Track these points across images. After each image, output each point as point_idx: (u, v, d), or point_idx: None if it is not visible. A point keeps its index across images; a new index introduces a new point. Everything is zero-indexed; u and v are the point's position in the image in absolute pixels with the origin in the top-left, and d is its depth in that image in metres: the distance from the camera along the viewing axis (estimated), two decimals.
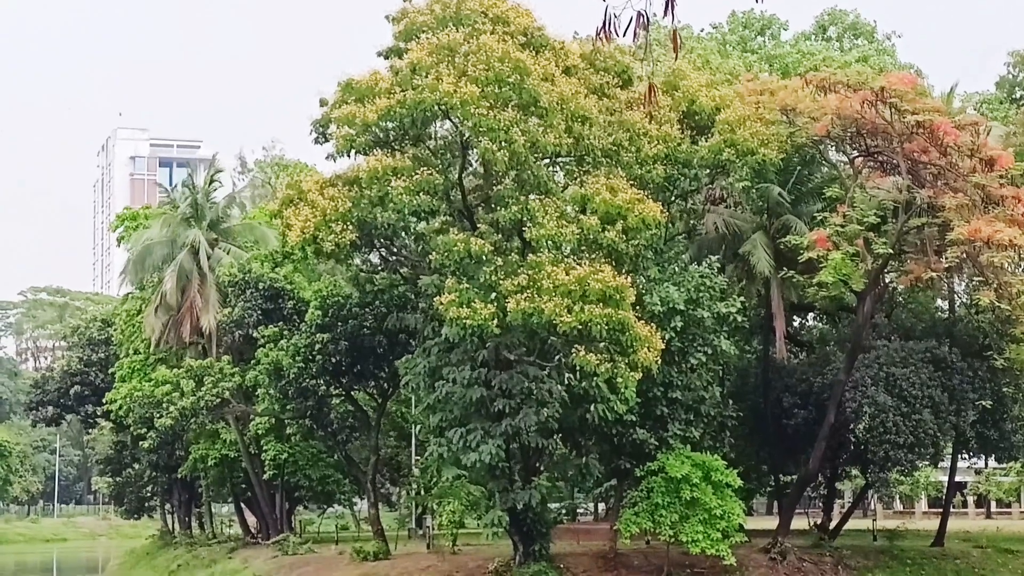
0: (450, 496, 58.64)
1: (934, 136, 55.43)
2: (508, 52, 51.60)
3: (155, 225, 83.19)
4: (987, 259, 54.87)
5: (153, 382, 78.40)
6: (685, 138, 58.55)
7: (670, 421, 54.66)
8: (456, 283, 51.35)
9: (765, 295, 61.19)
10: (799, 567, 58.08)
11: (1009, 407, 60.20)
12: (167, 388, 77.39)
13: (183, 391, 76.46)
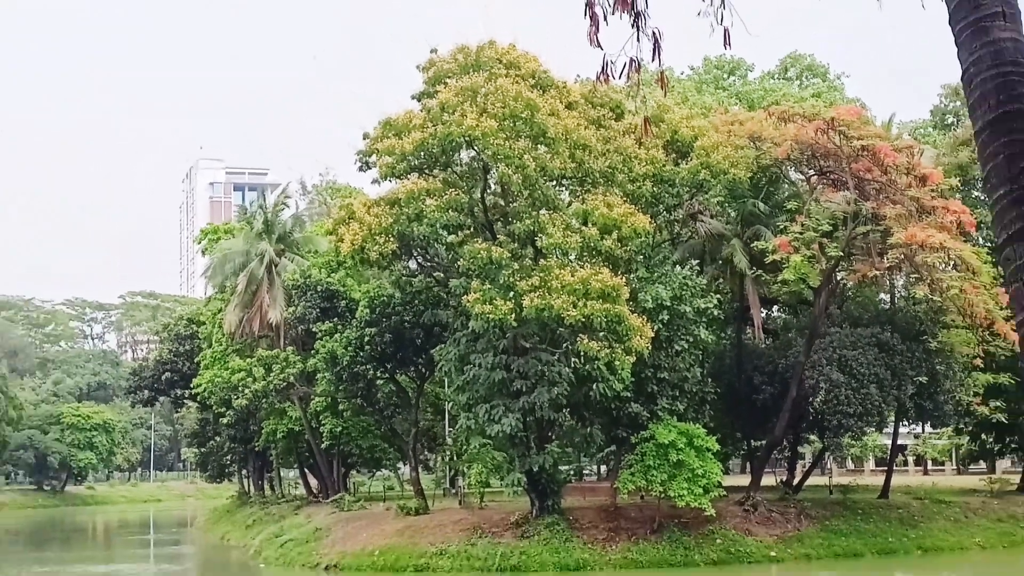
0: (477, 461, 58.82)
1: (876, 158, 55.68)
2: (520, 92, 52.01)
3: (232, 239, 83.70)
4: (921, 259, 55.13)
5: (230, 369, 78.76)
6: (669, 161, 59.08)
7: (659, 397, 54.89)
8: (480, 284, 51.73)
9: (740, 291, 61.44)
10: (768, 516, 58.29)
11: (941, 382, 60.24)
12: (242, 374, 77.80)
13: (255, 376, 76.87)
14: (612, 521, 55.78)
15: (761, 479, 63.61)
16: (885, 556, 56.72)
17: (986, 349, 59.95)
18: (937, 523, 62.03)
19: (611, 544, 53.86)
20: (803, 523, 58.67)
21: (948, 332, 59.93)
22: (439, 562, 53.47)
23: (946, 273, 56.56)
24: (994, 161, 7.37)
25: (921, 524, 61.51)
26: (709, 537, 54.29)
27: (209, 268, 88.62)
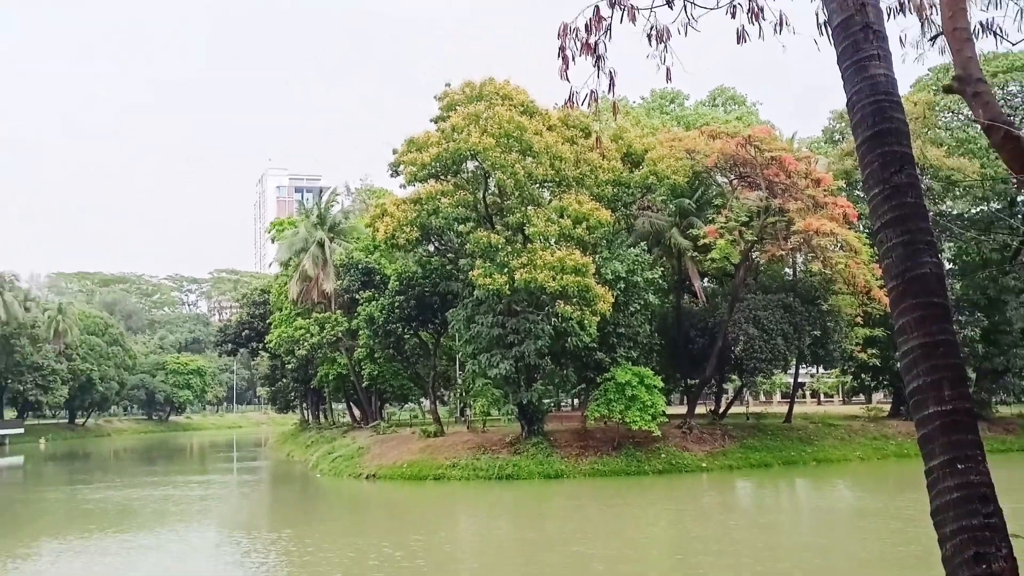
0: (481, 396, 58.89)
1: (782, 165, 55.59)
2: (512, 117, 52.04)
3: (295, 228, 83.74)
4: (816, 242, 55.13)
5: (294, 327, 78.81)
6: (625, 169, 59.13)
7: (618, 347, 54.94)
8: (482, 263, 51.91)
9: (678, 267, 61.31)
10: (700, 437, 58.42)
11: (831, 335, 60.27)
12: (302, 331, 77.85)
13: (312, 333, 76.91)
14: (582, 441, 55.94)
15: (695, 409, 63.69)
16: (788, 465, 57.01)
17: (865, 310, 59.97)
18: (827, 441, 62.36)
19: (582, 458, 54.03)
20: (726, 442, 58.88)
21: (836, 297, 60.04)
22: (451, 472, 53.64)
23: (835, 252, 56.64)
24: (871, 167, 7.34)
25: (815, 442, 61.83)
26: (655, 452, 54.49)
27: (277, 251, 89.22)
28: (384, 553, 31.36)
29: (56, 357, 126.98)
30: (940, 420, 6.83)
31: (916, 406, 7.01)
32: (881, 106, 7.34)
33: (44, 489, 58.63)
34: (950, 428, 6.81)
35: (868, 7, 7.50)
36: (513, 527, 37.83)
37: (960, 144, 66.02)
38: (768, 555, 30.21)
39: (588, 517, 38.84)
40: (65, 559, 32.59)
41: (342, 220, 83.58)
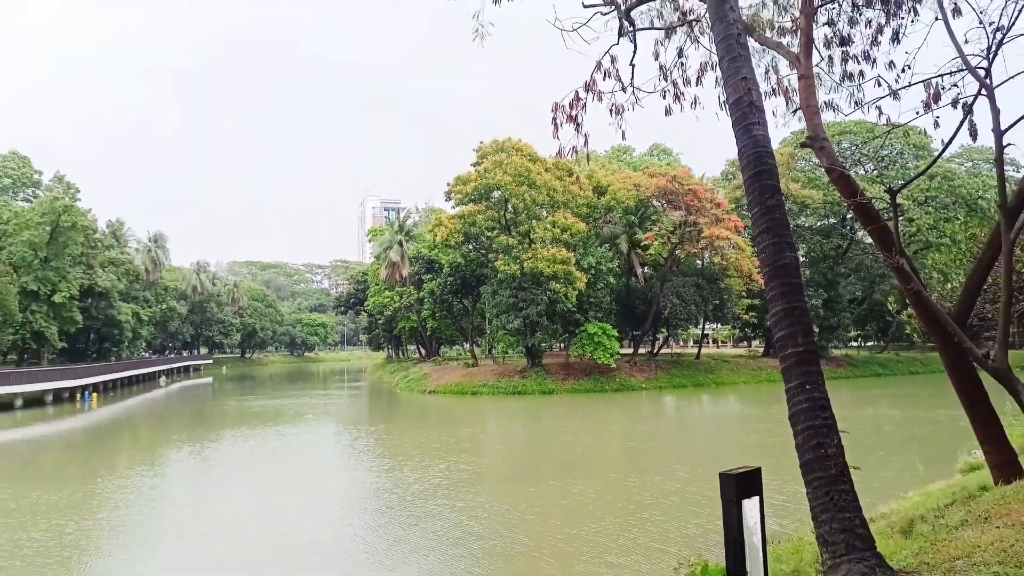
0: (501, 341, 58.84)
1: (696, 194, 55.23)
2: (522, 163, 51.91)
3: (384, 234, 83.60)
4: (717, 244, 54.92)
5: (383, 297, 78.98)
6: (594, 197, 58.87)
7: (589, 311, 54.86)
8: (503, 256, 51.79)
9: (628, 259, 61.10)
10: (641, 367, 58.40)
11: (726, 303, 60.18)
12: (388, 299, 78.05)
13: (394, 300, 77.12)
14: (566, 370, 55.99)
15: (638, 350, 63.63)
16: (697, 387, 56.86)
17: (748, 288, 59.81)
18: (723, 371, 62.18)
19: (566, 381, 54.08)
20: (658, 371, 58.83)
21: (729, 279, 59.72)
22: (483, 389, 53.76)
23: (729, 251, 56.40)
24: (752, 194, 7.31)
25: (715, 371, 61.67)
26: (613, 377, 54.49)
27: (373, 248, 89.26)
28: (441, 438, 31.66)
29: (232, 315, 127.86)
30: (795, 357, 6.82)
31: (780, 348, 7.00)
32: (760, 154, 7.30)
33: (225, 399, 59.10)
34: (802, 362, 6.80)
35: (751, 91, 7.45)
36: (521, 424, 37.99)
37: (810, 181, 65.79)
38: (683, 441, 30.28)
39: (569, 418, 38.98)
40: (239, 442, 32.91)
41: (413, 228, 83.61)
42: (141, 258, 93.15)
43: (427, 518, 17.67)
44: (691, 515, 16.82)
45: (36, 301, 66.59)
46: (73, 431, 39.57)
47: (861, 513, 6.49)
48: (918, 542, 7.44)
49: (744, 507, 4.49)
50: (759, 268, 53.80)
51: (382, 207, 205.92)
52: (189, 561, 14.85)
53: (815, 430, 6.61)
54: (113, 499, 20.51)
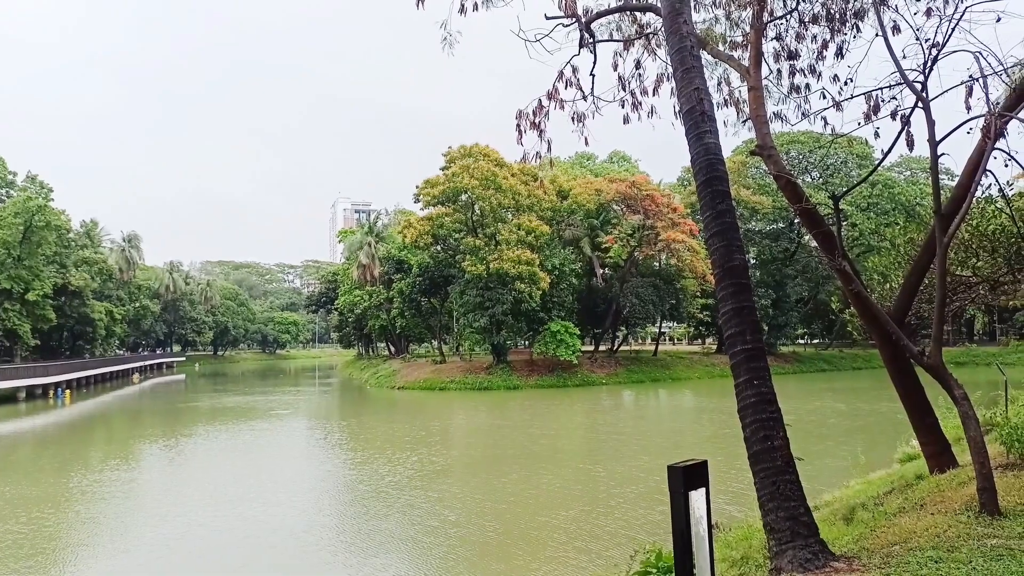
0: (468, 339, 58.77)
1: (653, 199, 55.73)
2: (489, 167, 51.87)
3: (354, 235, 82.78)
4: (673, 246, 55.38)
5: (354, 296, 78.27)
6: (557, 201, 58.87)
7: (552, 309, 54.98)
8: (470, 257, 51.65)
9: (589, 261, 61.32)
10: (602, 364, 58.69)
11: (682, 303, 60.76)
12: (359, 298, 77.37)
13: (364, 300, 76.48)
14: (530, 367, 56.03)
15: (599, 347, 63.91)
16: (655, 381, 57.37)
17: (702, 288, 60.42)
18: (679, 367, 62.83)
19: (530, 377, 54.13)
20: (618, 367, 59.19)
21: (685, 280, 60.30)
22: (450, 385, 53.56)
23: (685, 253, 56.90)
24: (704, 199, 7.35)
25: (671, 367, 62.29)
26: (575, 373, 54.68)
27: (343, 248, 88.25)
28: (411, 432, 31.47)
29: (205, 313, 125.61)
30: (744, 354, 6.88)
31: (729, 345, 7.05)
32: (711, 161, 7.35)
33: (198, 396, 58.05)
34: (750, 359, 6.86)
35: (704, 102, 7.50)
36: (488, 417, 37.91)
37: (760, 188, 66.70)
38: (643, 433, 30.46)
39: (535, 412, 38.99)
40: (213, 437, 32.40)
41: (383, 229, 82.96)
42: (115, 257, 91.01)
43: (402, 508, 17.57)
44: (655, 503, 16.96)
45: (9, 299, 64.71)
46: (47, 427, 38.52)
47: (805, 502, 6.57)
48: (858, 528, 7.56)
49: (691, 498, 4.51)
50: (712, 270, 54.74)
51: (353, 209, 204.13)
52: (166, 550, 14.54)
53: (762, 423, 6.67)
54: (89, 492, 20.02)
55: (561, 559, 13.30)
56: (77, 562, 14.06)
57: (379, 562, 13.63)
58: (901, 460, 14.74)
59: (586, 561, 12.95)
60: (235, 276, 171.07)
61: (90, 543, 15.29)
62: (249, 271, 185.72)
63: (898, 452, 15.40)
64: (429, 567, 13.33)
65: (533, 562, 13.30)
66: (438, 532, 15.43)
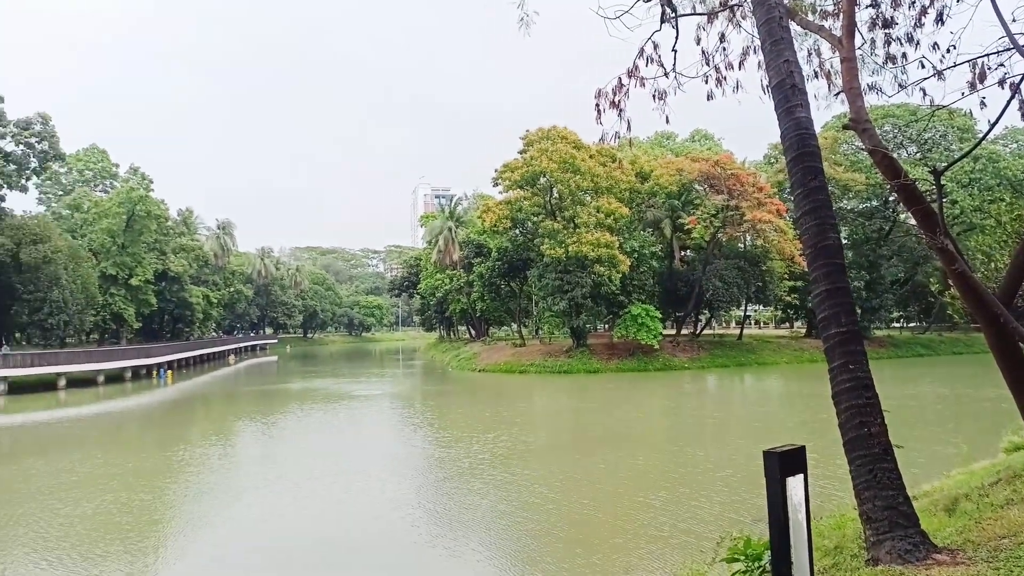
0: (547, 322, 58.84)
1: (738, 178, 54.16)
2: (567, 150, 51.54)
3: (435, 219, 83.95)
4: (759, 227, 53.81)
5: (435, 280, 79.57)
6: (637, 182, 57.98)
7: (632, 293, 54.45)
8: (549, 241, 51.61)
9: (670, 244, 60.24)
10: (684, 348, 57.73)
11: (768, 285, 58.92)
12: (440, 282, 78.60)
13: (445, 283, 77.62)
14: (610, 350, 55.68)
15: (681, 330, 62.89)
16: (740, 366, 56.06)
17: (790, 270, 58.67)
18: (765, 351, 61.20)
19: (610, 360, 53.83)
20: (700, 351, 58.10)
21: (771, 261, 58.50)
22: (530, 368, 53.86)
23: (771, 233, 55.20)
24: (795, 176, 7.09)
25: (757, 351, 60.74)
26: (656, 357, 54.00)
27: (424, 233, 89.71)
28: (495, 412, 31.95)
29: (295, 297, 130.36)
30: (838, 337, 6.63)
31: (823, 329, 6.80)
32: (802, 136, 7.08)
33: (289, 376, 60.40)
34: (844, 342, 6.60)
35: (794, 75, 7.20)
36: (571, 400, 37.96)
37: (853, 164, 64.08)
38: (733, 417, 29.85)
39: (617, 395, 38.79)
40: (305, 414, 33.73)
41: (463, 214, 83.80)
42: (210, 244, 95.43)
43: (498, 485, 17.81)
44: (759, 487, 16.57)
45: (115, 285, 68.86)
46: (151, 405, 40.91)
47: (905, 491, 6.29)
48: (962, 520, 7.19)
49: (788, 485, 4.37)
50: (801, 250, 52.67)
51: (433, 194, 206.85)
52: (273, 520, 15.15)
53: (858, 409, 6.41)
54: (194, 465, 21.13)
55: (664, 539, 13.15)
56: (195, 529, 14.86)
57: (480, 537, 13.82)
58: (1007, 450, 13.92)
59: (692, 542, 12.72)
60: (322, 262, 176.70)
61: (202, 512, 16.13)
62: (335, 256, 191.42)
63: (1004, 441, 14.54)
64: (531, 543, 13.44)
65: (634, 540, 13.19)
66: (537, 509, 15.54)
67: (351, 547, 13.58)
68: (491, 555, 12.77)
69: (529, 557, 12.63)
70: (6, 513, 15.94)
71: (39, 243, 55.92)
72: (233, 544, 13.79)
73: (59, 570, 12.17)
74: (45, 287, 56.03)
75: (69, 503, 16.69)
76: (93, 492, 17.78)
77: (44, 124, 58.21)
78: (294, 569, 12.40)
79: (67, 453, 24.12)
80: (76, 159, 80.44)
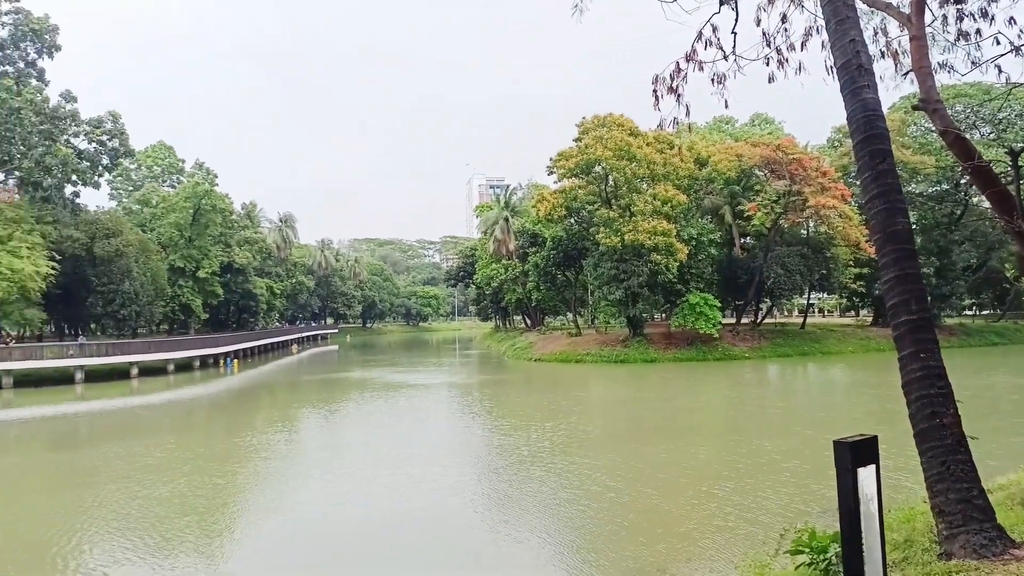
0: (603, 311, 58.52)
1: (800, 163, 52.75)
2: (623, 137, 51.01)
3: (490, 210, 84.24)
4: (823, 213, 52.37)
5: (490, 270, 79.95)
6: (695, 168, 57.03)
7: (690, 281, 53.68)
8: (604, 229, 51.27)
9: (729, 231, 59.11)
10: (744, 337, 56.67)
11: (832, 273, 57.42)
12: (495, 272, 78.95)
13: (500, 273, 77.91)
14: (668, 339, 55.08)
15: (741, 319, 61.71)
16: (803, 356, 54.80)
17: (855, 256, 56.99)
18: (829, 340, 59.69)
19: (667, 350, 53.27)
20: (761, 341, 56.98)
21: (836, 248, 56.89)
22: (586, 358, 53.71)
23: (835, 219, 53.70)
24: (863, 159, 6.90)
25: (821, 340, 59.28)
26: (715, 347, 53.19)
27: (479, 223, 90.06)
28: (553, 401, 32.06)
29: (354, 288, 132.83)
30: (909, 325, 6.44)
31: (892, 316, 6.61)
32: (870, 118, 6.88)
33: (349, 365, 61.59)
34: (915, 330, 6.41)
35: (860, 54, 6.99)
36: (628, 390, 37.75)
37: (921, 147, 61.91)
38: (798, 408, 29.21)
39: (676, 385, 38.43)
40: (366, 402, 34.42)
41: (518, 203, 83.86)
42: (273, 237, 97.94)
43: (559, 473, 17.87)
44: (829, 478, 16.21)
45: (183, 277, 71.33)
46: (219, 393, 42.33)
47: (979, 484, 6.10)
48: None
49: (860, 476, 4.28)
50: (868, 236, 51.10)
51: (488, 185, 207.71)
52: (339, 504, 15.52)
53: (929, 399, 6.23)
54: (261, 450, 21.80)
55: (730, 529, 12.98)
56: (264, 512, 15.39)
57: (542, 523, 13.88)
58: None
59: (758, 532, 12.52)
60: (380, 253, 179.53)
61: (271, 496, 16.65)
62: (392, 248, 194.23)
63: None
64: (593, 530, 13.47)
65: (698, 530, 13.07)
66: (598, 497, 15.55)
67: (414, 531, 13.81)
68: (553, 541, 12.83)
69: (591, 544, 12.65)
70: (92, 495, 16.77)
71: (111, 237, 58.31)
72: (300, 526, 14.19)
73: (140, 549, 12.75)
74: (118, 279, 58.41)
75: (147, 485, 17.46)
76: (168, 476, 18.55)
77: (114, 122, 60.53)
78: (359, 552, 12.71)
79: (141, 439, 25.20)
80: (145, 156, 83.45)
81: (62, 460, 22.20)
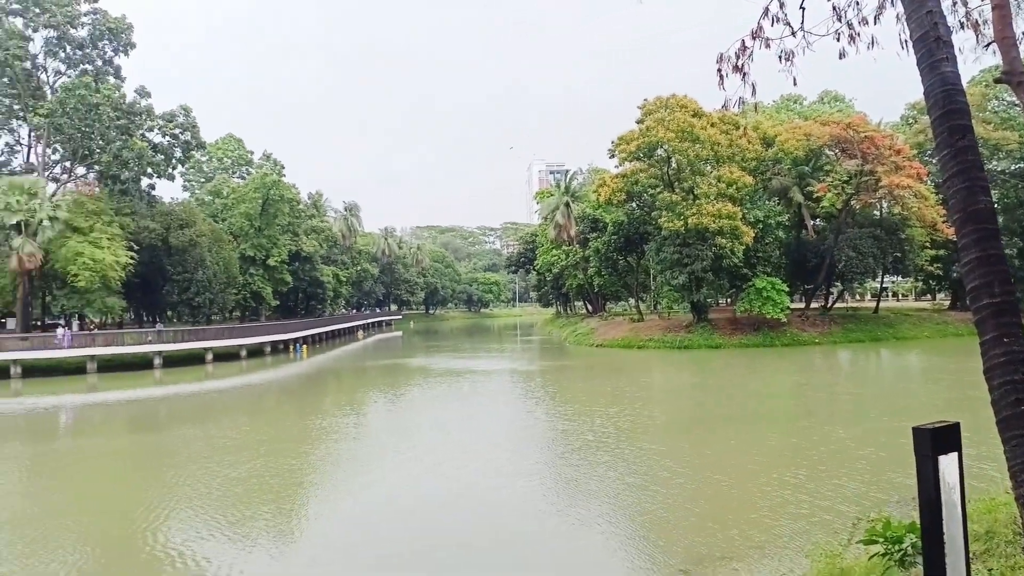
0: (666, 297, 57.85)
1: (873, 141, 50.89)
2: (685, 119, 50.18)
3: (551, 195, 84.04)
4: (897, 193, 50.40)
5: (551, 256, 79.86)
6: (762, 149, 55.54)
7: (757, 265, 52.57)
8: (667, 213, 50.61)
9: (798, 212, 57.47)
10: (814, 322, 55.25)
11: (907, 255, 55.29)
12: (556, 258, 78.82)
13: (561, 259, 77.75)
14: (733, 325, 54.13)
15: (810, 304, 60.09)
16: (876, 341, 53.15)
17: (932, 238, 54.74)
18: (904, 325, 57.70)
19: (733, 335, 52.36)
20: (832, 326, 55.46)
21: (911, 229, 54.74)
22: (649, 343, 53.27)
23: (910, 199, 51.66)
24: (941, 136, 6.66)
25: (895, 325, 57.38)
26: (783, 332, 52.03)
27: (540, 209, 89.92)
28: (616, 387, 32.01)
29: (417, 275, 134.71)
30: (991, 308, 6.21)
31: (973, 299, 6.38)
32: (948, 93, 6.63)
33: (413, 351, 62.57)
34: (998, 313, 6.18)
35: (938, 26, 6.73)
36: (693, 376, 37.35)
37: (1004, 122, 59.01)
38: (872, 394, 28.34)
39: (742, 371, 37.81)
40: (431, 386, 35.04)
41: (579, 188, 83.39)
42: (338, 225, 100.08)
43: (626, 458, 17.84)
44: (909, 467, 15.77)
45: (253, 265, 73.61)
46: (288, 377, 43.68)
47: None
48: None
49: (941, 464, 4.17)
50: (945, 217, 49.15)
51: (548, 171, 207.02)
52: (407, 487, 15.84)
53: (1013, 385, 6.00)
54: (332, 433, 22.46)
55: (804, 517, 12.75)
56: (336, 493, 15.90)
57: (610, 507, 13.92)
58: None
59: (833, 521, 12.25)
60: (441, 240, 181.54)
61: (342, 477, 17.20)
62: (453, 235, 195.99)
63: None
64: (662, 515, 13.43)
65: (771, 517, 12.89)
66: (666, 483, 15.49)
67: (481, 514, 14.04)
68: (621, 525, 12.87)
69: (661, 529, 12.62)
70: (175, 474, 17.61)
71: (185, 227, 60.57)
72: (370, 507, 14.60)
73: (222, 525, 13.36)
74: (192, 268, 60.70)
75: (225, 466, 18.21)
76: (244, 457, 19.30)
77: (186, 116, 62.66)
78: (427, 533, 12.99)
79: (218, 421, 26.26)
80: (215, 148, 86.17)
81: (145, 441, 23.34)
